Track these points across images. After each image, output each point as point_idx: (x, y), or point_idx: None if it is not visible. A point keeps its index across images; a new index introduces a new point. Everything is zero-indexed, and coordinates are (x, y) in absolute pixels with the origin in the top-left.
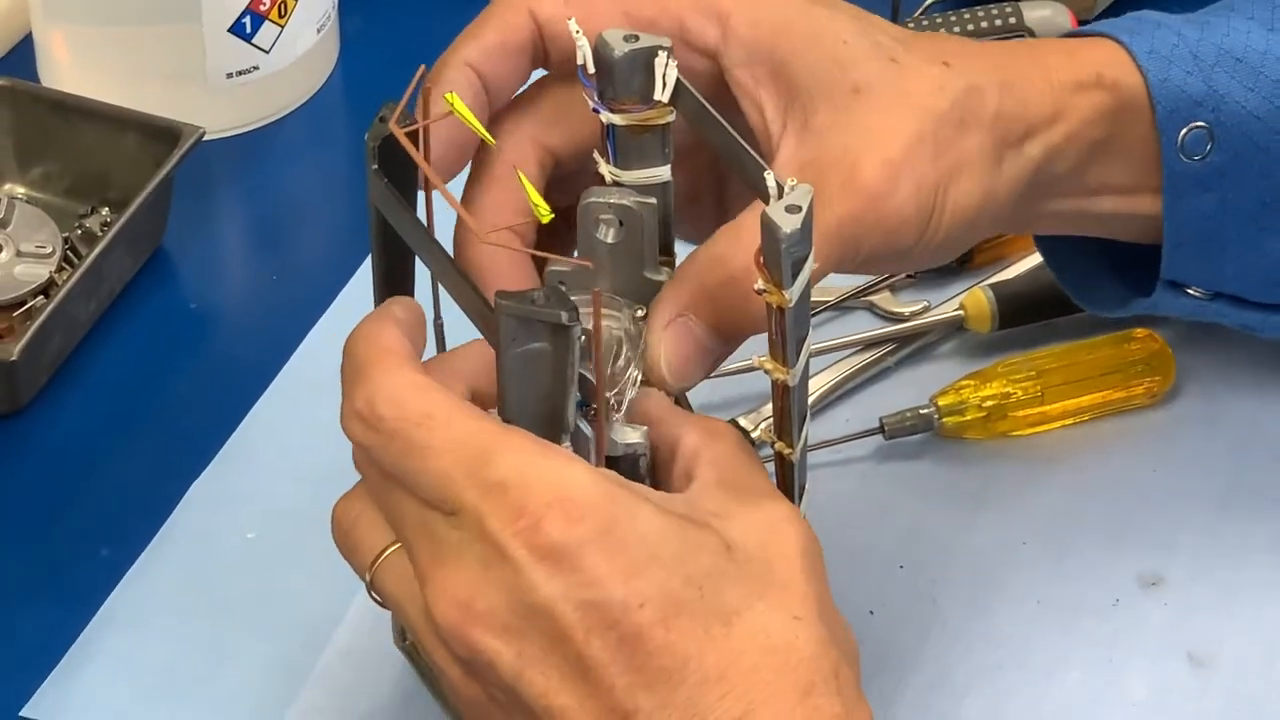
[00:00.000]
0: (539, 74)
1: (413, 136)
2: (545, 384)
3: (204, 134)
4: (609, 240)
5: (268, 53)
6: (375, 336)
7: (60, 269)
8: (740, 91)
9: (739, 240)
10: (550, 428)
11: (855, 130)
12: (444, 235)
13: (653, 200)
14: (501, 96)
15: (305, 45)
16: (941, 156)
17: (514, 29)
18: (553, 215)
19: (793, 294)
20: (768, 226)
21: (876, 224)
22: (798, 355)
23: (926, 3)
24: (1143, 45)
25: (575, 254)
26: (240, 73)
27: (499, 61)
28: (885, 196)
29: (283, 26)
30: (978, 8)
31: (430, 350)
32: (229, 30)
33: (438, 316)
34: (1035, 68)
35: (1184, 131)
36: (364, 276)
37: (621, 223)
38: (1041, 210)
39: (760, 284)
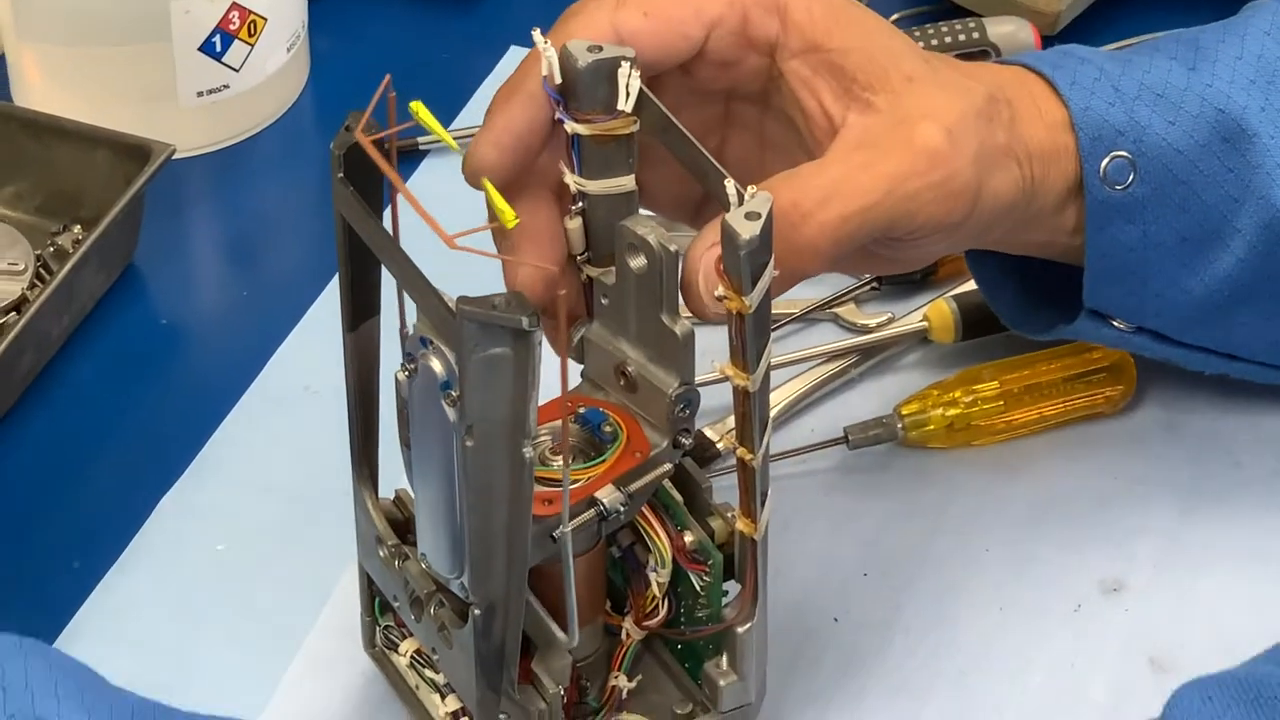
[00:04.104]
0: None
1: (381, 145)
2: (507, 388)
3: (174, 151)
4: (633, 267)
5: (238, 71)
6: None
7: (32, 286)
8: (797, 81)
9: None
10: (513, 432)
11: (914, 105)
12: (409, 242)
13: (676, 248)
14: None
15: (276, 64)
16: (983, 141)
17: (596, 37)
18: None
19: (753, 300)
20: (727, 234)
21: (941, 184)
22: (758, 361)
23: (891, 18)
24: (1065, 78)
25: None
26: (211, 91)
27: None
28: (949, 158)
29: (253, 45)
30: (941, 23)
31: (395, 355)
32: (199, 49)
33: (403, 325)
34: (1030, 102)
35: (1106, 160)
36: (334, 292)
37: (644, 256)
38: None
39: (720, 290)
